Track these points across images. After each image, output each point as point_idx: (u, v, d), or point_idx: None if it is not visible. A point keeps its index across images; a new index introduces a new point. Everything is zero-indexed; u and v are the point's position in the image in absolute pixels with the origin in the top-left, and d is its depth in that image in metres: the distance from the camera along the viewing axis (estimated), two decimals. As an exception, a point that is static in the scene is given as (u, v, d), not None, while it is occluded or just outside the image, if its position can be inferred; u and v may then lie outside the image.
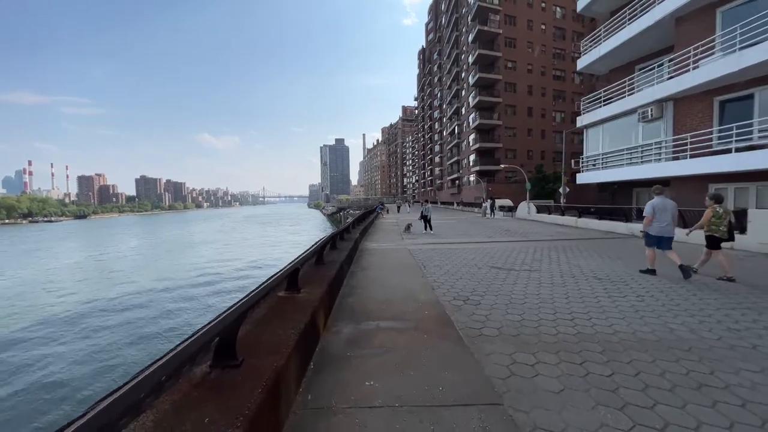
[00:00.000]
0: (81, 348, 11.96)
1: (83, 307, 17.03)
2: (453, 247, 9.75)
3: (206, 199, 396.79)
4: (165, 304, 16.95)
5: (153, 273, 25.54)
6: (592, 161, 15.12)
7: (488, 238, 11.82)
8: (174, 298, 18.04)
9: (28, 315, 16.07)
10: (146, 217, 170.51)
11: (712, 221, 5.52)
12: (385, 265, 7.19)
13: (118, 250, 41.24)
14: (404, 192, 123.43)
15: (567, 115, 43.64)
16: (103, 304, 17.36)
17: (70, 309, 16.73)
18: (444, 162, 63.47)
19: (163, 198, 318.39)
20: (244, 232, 60.83)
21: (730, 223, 5.50)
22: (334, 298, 4.52)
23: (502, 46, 39.88)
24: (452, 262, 7.28)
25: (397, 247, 10.05)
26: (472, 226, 17.33)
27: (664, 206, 5.68)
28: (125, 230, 77.83)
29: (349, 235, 9.48)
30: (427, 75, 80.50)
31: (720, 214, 5.49)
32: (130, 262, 31.28)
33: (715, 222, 5.49)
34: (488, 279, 5.73)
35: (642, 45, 13.11)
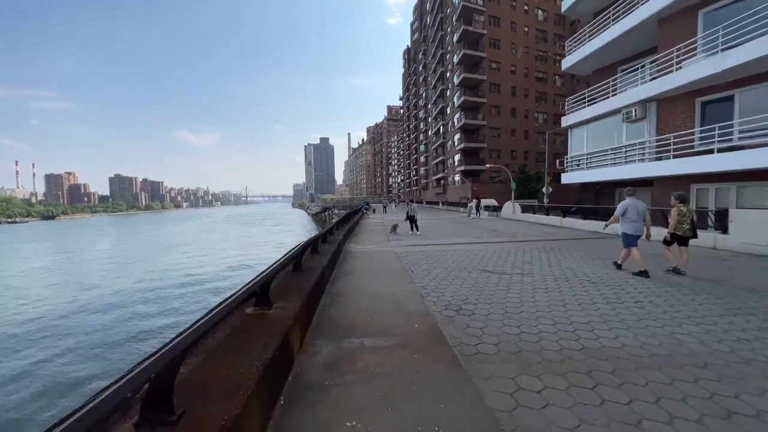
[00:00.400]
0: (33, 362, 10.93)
1: (41, 315, 15.73)
2: (441, 248, 9.44)
3: (186, 199, 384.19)
4: (131, 312, 15.88)
5: (123, 278, 24.11)
6: (576, 161, 15.22)
7: (476, 239, 11.58)
8: (140, 305, 16.98)
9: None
10: (121, 218, 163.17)
11: (678, 220, 5.76)
12: (370, 269, 6.76)
13: (86, 254, 38.93)
14: (390, 191, 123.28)
15: (549, 116, 44.51)
16: (64, 312, 16.11)
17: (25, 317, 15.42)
18: (429, 162, 63.59)
19: (140, 198, 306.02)
20: (225, 233, 58.90)
21: (692, 221, 5.74)
22: (314, 309, 4.05)
23: (487, 46, 40.16)
24: (441, 266, 6.94)
25: (383, 249, 9.64)
26: (459, 226, 17.14)
27: (635, 207, 5.90)
28: (96, 232, 73.92)
29: (333, 237, 8.99)
30: (412, 75, 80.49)
31: (684, 212, 5.72)
32: (99, 266, 29.49)
33: (680, 220, 5.74)
34: (480, 284, 5.40)
35: (625, 46, 13.24)
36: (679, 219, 5.73)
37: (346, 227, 13.08)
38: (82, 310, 16.44)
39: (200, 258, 31.39)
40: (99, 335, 13.06)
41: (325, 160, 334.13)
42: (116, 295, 19.07)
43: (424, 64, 67.93)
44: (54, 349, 11.96)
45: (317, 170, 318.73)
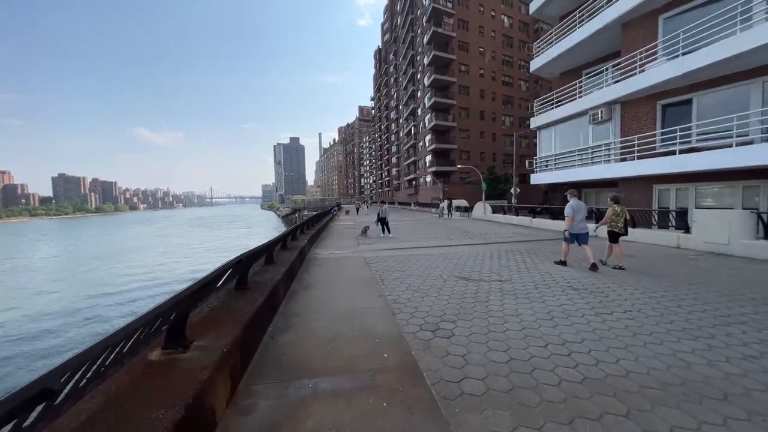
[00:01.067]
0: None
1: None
2: (413, 252, 8.86)
3: (143, 201, 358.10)
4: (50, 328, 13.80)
5: (58, 289, 21.28)
6: (545, 162, 15.42)
7: (449, 241, 11.17)
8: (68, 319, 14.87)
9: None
10: (66, 222, 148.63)
11: (612, 219, 6.49)
12: (336, 279, 6.00)
13: (17, 263, 34.32)
14: (362, 192, 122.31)
15: (515, 119, 46.02)
16: None
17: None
18: (401, 162, 63.57)
19: (89, 199, 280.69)
20: (183, 237, 54.95)
21: (625, 220, 6.48)
22: (257, 342, 3.24)
23: (456, 49, 40.67)
24: (414, 273, 6.33)
25: (352, 254, 8.89)
26: (431, 227, 16.78)
27: (579, 207, 6.48)
28: (35, 237, 66.12)
29: (295, 243, 8.10)
30: (383, 75, 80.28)
31: (618, 212, 6.46)
32: (29, 278, 25.97)
33: (614, 219, 6.47)
34: (457, 295, 4.84)
35: (590, 50, 13.55)
36: (613, 218, 6.46)
37: (313, 230, 12.17)
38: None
39: (152, 265, 28.66)
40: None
41: (296, 160, 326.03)
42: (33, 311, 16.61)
43: (395, 65, 67.87)
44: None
45: (287, 171, 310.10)
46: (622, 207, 6.51)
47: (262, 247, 4.45)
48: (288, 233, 7.42)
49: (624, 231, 6.45)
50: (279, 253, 6.56)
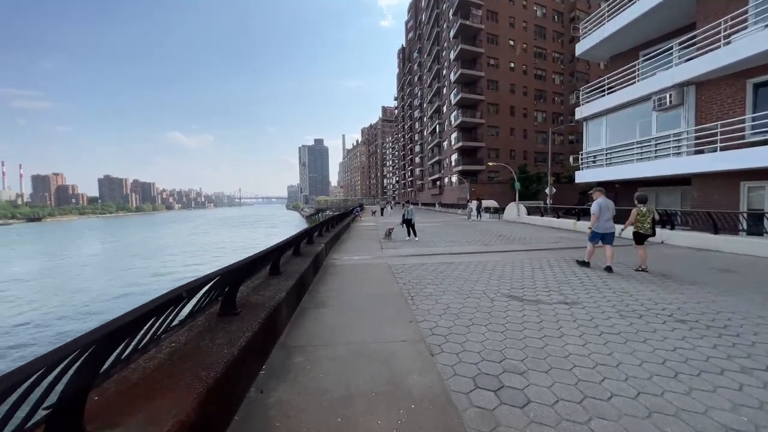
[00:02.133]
0: None
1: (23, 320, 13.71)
2: (445, 260, 7.65)
3: (178, 201, 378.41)
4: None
5: (110, 282, 22.09)
6: (592, 157, 13.59)
7: (484, 247, 9.83)
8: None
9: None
10: (110, 220, 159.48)
11: (638, 219, 6.10)
12: (355, 295, 4.94)
13: (73, 256, 36.53)
14: (384, 192, 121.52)
15: (548, 115, 43.25)
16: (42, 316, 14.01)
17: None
18: (425, 162, 62.03)
19: (130, 199, 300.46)
20: (217, 236, 56.63)
21: (653, 220, 6.10)
22: (235, 401, 2.21)
23: (485, 42, 38.72)
24: (451, 288, 5.14)
25: (375, 261, 7.82)
26: (460, 230, 15.40)
27: (607, 206, 6.19)
28: (84, 234, 70.88)
29: (310, 248, 7.14)
30: (407, 74, 79.05)
31: (644, 212, 6.06)
32: (85, 271, 27.22)
33: (640, 220, 6.08)
34: (515, 324, 3.62)
35: (650, 26, 11.67)
36: (639, 219, 6.09)
37: (333, 232, 11.24)
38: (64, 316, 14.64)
39: (187, 263, 29.21)
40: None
41: (320, 161, 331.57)
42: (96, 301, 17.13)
43: (419, 62, 66.47)
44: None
45: (311, 172, 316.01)
46: (648, 207, 6.15)
47: (259, 255, 3.45)
48: (301, 236, 6.47)
49: (651, 232, 6.08)
50: (289, 260, 5.60)
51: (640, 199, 6.18)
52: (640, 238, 6.11)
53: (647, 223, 6.02)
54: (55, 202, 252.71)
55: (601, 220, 6.13)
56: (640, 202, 6.13)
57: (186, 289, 2.11)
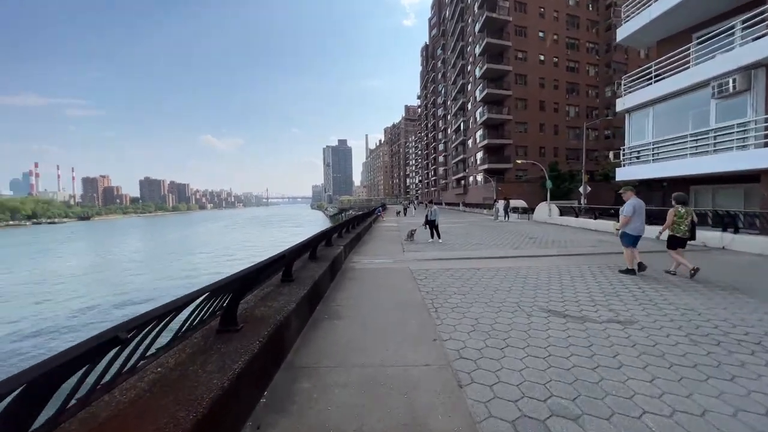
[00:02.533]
0: None
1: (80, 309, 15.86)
2: (471, 265, 7.08)
3: (210, 201, 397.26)
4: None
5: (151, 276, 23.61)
6: (636, 153, 12.35)
7: (515, 251, 9.12)
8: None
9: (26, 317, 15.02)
10: (149, 219, 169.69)
11: (675, 221, 5.72)
12: (372, 304, 4.54)
13: (120, 252, 39.41)
14: (407, 192, 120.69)
15: (581, 109, 40.83)
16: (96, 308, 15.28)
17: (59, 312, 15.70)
18: (449, 161, 60.73)
19: (167, 199, 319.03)
20: (247, 234, 58.73)
21: (692, 222, 5.71)
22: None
23: (512, 34, 37.11)
24: (479, 298, 4.62)
25: (396, 264, 7.40)
26: (486, 231, 14.63)
27: (641, 206, 5.87)
28: (127, 232, 75.94)
29: (328, 251, 6.83)
30: (430, 72, 77.87)
31: (682, 214, 5.69)
32: (131, 266, 29.21)
33: (677, 221, 5.71)
34: (559, 348, 3.06)
35: (705, 5, 10.37)
36: (676, 221, 5.73)
37: (354, 233, 10.93)
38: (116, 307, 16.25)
39: (220, 259, 30.32)
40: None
41: (343, 161, 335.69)
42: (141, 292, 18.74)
43: (442, 59, 65.21)
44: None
45: (335, 172, 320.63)
46: (687, 208, 5.76)
47: (268, 262, 3.13)
48: (318, 239, 6.16)
49: (690, 236, 5.71)
50: (305, 265, 5.31)
51: (678, 199, 5.83)
52: (676, 242, 5.76)
53: (684, 225, 5.66)
54: (102, 202, 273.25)
55: (637, 222, 5.80)
56: (678, 203, 5.78)
57: (169, 309, 1.79)
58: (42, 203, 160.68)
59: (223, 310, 2.58)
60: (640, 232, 5.85)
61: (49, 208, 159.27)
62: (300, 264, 5.35)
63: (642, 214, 5.84)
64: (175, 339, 2.18)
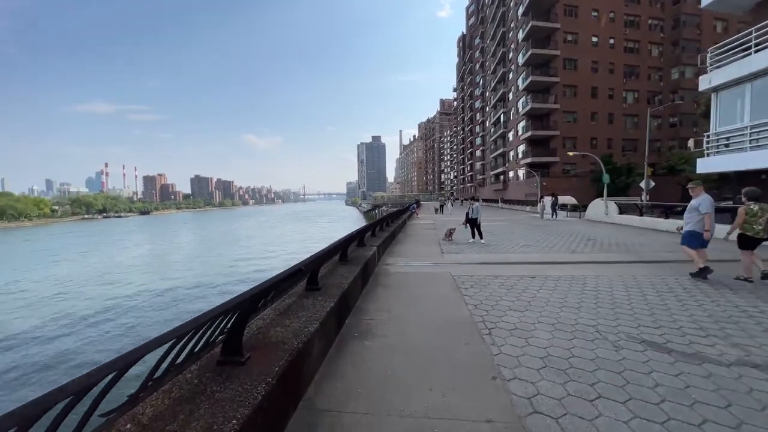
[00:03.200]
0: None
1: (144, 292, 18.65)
2: (524, 272, 6.11)
3: (252, 197, 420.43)
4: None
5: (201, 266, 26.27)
6: (725, 140, 10.29)
7: (573, 255, 7.92)
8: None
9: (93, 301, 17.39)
10: (199, 214, 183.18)
11: (746, 219, 5.20)
12: (410, 321, 3.84)
13: (177, 243, 44.30)
14: (442, 189, 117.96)
15: (641, 95, 36.51)
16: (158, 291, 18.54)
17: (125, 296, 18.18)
18: (486, 155, 57.95)
19: (214, 195, 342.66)
20: (284, 228, 61.19)
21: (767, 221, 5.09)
22: None
23: (561, 15, 33.96)
24: (543, 318, 3.73)
25: (434, 268, 6.63)
26: (533, 231, 13.26)
27: (712, 204, 5.40)
28: (181, 225, 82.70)
29: (360, 252, 6.24)
30: (467, 62, 74.72)
31: (755, 212, 5.15)
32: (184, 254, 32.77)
33: (748, 220, 5.18)
34: (683, 409, 2.15)
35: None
36: (747, 219, 5.17)
37: (388, 231, 10.29)
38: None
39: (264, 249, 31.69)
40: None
41: (377, 158, 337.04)
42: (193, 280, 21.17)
43: (481, 48, 62.14)
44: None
45: (369, 168, 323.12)
46: (761, 205, 5.20)
47: (282, 277, 2.54)
48: (349, 239, 5.57)
49: (764, 235, 5.12)
50: (334, 269, 4.74)
51: (750, 194, 5.31)
52: (747, 242, 5.19)
53: (758, 224, 5.11)
54: (159, 198, 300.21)
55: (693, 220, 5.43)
56: (750, 199, 5.27)
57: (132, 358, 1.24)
58: (110, 199, 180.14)
59: (226, 335, 2.03)
60: (701, 228, 5.38)
61: (116, 203, 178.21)
62: (329, 267, 4.80)
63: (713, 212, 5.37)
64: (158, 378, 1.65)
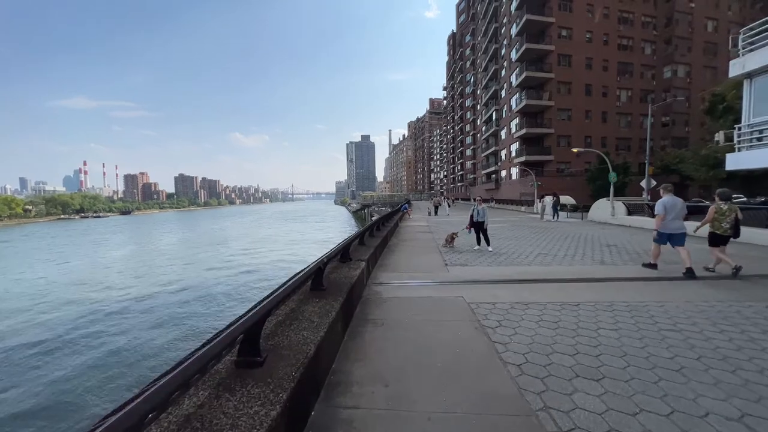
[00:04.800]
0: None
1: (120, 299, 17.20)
2: (558, 294, 4.63)
3: (239, 196, 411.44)
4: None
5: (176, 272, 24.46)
6: (758, 132, 9.15)
7: (604, 267, 6.54)
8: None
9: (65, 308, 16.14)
10: (183, 213, 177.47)
11: (714, 218, 5.66)
12: (416, 410, 2.27)
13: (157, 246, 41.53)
14: (431, 188, 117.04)
15: (634, 93, 35.99)
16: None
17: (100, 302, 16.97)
18: (477, 154, 57.04)
19: (199, 195, 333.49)
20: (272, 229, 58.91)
21: (736, 220, 5.57)
22: None
23: (555, 9, 33.05)
24: (646, 401, 2.22)
25: (441, 290, 5.09)
26: (540, 234, 11.92)
27: (674, 204, 5.81)
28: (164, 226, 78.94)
29: (342, 272, 4.61)
30: (457, 60, 73.75)
31: (723, 211, 5.58)
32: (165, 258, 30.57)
33: (717, 218, 5.62)
34: None
35: None
36: (716, 217, 5.66)
37: (379, 238, 8.70)
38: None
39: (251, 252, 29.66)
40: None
41: (366, 157, 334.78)
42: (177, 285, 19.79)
43: (472, 46, 61.20)
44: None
45: (358, 168, 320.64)
46: (730, 205, 5.60)
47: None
48: (327, 259, 3.96)
49: (732, 233, 5.56)
50: (300, 306, 3.13)
51: (722, 195, 5.77)
52: (715, 239, 5.71)
53: (726, 222, 5.58)
54: (142, 198, 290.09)
55: (666, 220, 5.84)
56: (722, 199, 5.71)
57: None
58: (89, 198, 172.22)
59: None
60: (672, 230, 5.80)
61: (95, 203, 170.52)
62: (293, 305, 3.18)
63: (673, 212, 5.75)
64: None
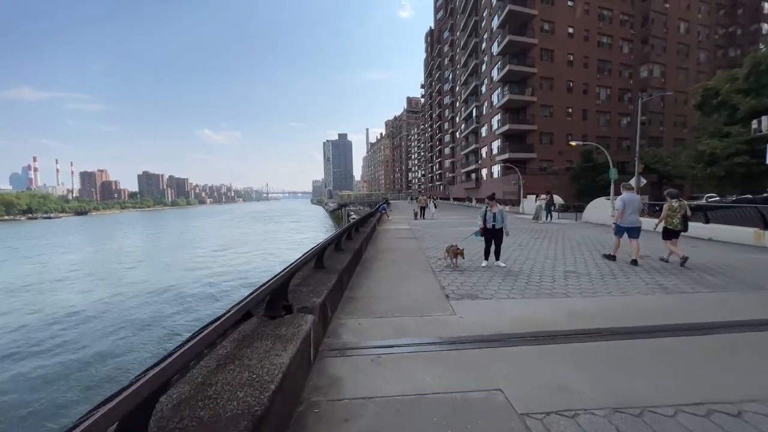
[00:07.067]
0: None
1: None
2: (665, 372, 2.50)
3: (209, 195, 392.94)
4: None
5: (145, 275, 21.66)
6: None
7: (675, 300, 4.58)
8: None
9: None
10: (148, 214, 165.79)
11: (668, 214, 6.34)
12: None
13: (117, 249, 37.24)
14: (409, 187, 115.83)
15: (613, 91, 35.85)
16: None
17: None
18: (457, 153, 55.87)
19: (166, 194, 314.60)
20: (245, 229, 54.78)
21: (684, 216, 6.24)
22: None
23: (538, 2, 32.03)
24: None
25: (452, 369, 2.82)
26: (546, 241, 10.01)
27: (632, 200, 6.45)
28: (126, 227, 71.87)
29: (277, 330, 2.22)
30: (436, 57, 72.52)
31: (674, 208, 6.27)
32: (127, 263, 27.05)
33: (670, 215, 6.32)
34: None
35: None
36: (669, 214, 6.30)
37: (348, 254, 6.33)
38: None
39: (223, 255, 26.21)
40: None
41: (344, 156, 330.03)
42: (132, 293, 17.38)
43: (450, 42, 59.98)
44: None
45: (335, 166, 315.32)
46: (680, 202, 6.33)
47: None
48: (247, 306, 1.58)
49: (682, 227, 6.26)
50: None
51: (671, 194, 6.42)
52: (668, 234, 6.36)
53: (677, 218, 6.21)
54: (100, 197, 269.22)
55: (624, 215, 6.37)
56: (672, 198, 6.35)
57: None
58: (38, 198, 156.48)
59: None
60: (629, 223, 6.44)
61: (46, 202, 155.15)
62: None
63: (630, 208, 6.39)
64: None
